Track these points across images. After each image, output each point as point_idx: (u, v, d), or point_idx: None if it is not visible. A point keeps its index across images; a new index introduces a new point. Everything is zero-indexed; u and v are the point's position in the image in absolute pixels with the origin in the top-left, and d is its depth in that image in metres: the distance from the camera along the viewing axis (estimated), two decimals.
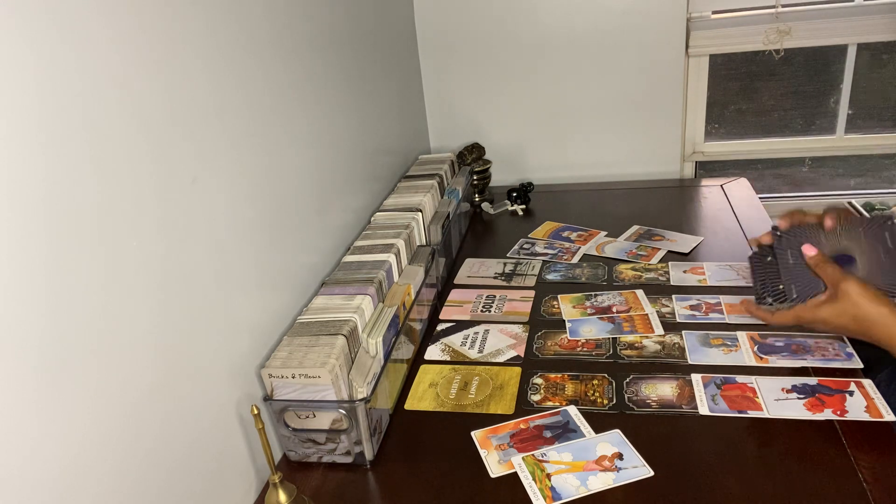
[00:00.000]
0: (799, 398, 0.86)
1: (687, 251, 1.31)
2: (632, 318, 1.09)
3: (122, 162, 0.62)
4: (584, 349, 1.03)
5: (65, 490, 0.55)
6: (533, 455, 0.82)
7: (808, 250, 0.86)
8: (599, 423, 0.87)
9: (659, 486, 0.76)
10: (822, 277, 0.85)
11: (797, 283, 0.87)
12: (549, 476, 0.79)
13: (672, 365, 0.97)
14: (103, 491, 0.60)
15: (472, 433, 0.87)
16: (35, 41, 0.53)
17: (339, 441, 0.84)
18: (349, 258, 1.09)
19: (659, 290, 1.17)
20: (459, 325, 1.13)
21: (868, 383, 0.88)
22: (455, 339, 1.09)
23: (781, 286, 0.88)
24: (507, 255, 1.38)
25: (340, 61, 1.18)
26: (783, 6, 1.55)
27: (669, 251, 1.31)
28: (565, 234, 1.44)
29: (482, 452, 0.84)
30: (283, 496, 0.71)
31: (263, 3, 0.91)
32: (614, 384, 0.94)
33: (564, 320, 1.11)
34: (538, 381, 0.97)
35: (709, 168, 1.83)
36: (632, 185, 1.70)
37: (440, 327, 1.13)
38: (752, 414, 0.85)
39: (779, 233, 0.92)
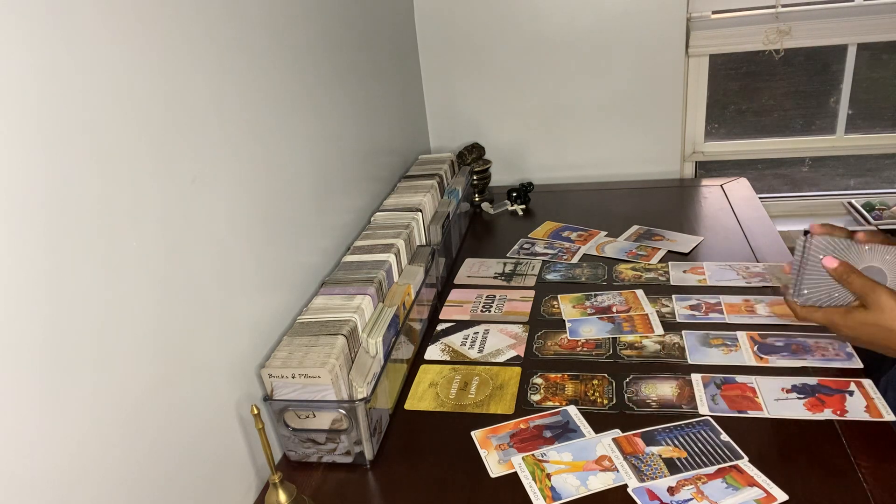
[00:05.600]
0: (799, 398, 0.86)
1: (687, 251, 1.31)
2: (632, 318, 1.09)
3: (121, 162, 0.62)
4: (584, 349, 1.03)
5: (65, 490, 0.55)
6: (533, 455, 0.82)
7: (830, 262, 0.82)
8: (599, 423, 0.86)
9: None
10: (849, 287, 0.81)
11: (813, 286, 0.84)
12: (549, 476, 0.78)
13: (672, 365, 0.97)
14: (103, 491, 0.60)
15: (472, 433, 0.87)
16: (35, 42, 0.53)
17: (339, 441, 0.84)
18: (349, 258, 1.09)
19: (659, 290, 1.17)
20: (459, 325, 1.13)
21: (868, 383, 0.88)
22: (455, 339, 1.09)
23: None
24: (507, 255, 1.38)
25: (340, 61, 1.18)
26: (783, 6, 1.55)
27: (669, 251, 1.31)
28: (565, 234, 1.44)
29: (482, 452, 0.84)
30: (283, 496, 0.71)
31: (263, 4, 0.91)
32: (614, 384, 0.94)
33: (564, 320, 1.11)
34: (538, 380, 0.97)
35: (709, 168, 1.83)
36: (632, 185, 1.70)
37: (440, 327, 1.13)
38: (752, 414, 0.85)
39: (808, 237, 0.85)
